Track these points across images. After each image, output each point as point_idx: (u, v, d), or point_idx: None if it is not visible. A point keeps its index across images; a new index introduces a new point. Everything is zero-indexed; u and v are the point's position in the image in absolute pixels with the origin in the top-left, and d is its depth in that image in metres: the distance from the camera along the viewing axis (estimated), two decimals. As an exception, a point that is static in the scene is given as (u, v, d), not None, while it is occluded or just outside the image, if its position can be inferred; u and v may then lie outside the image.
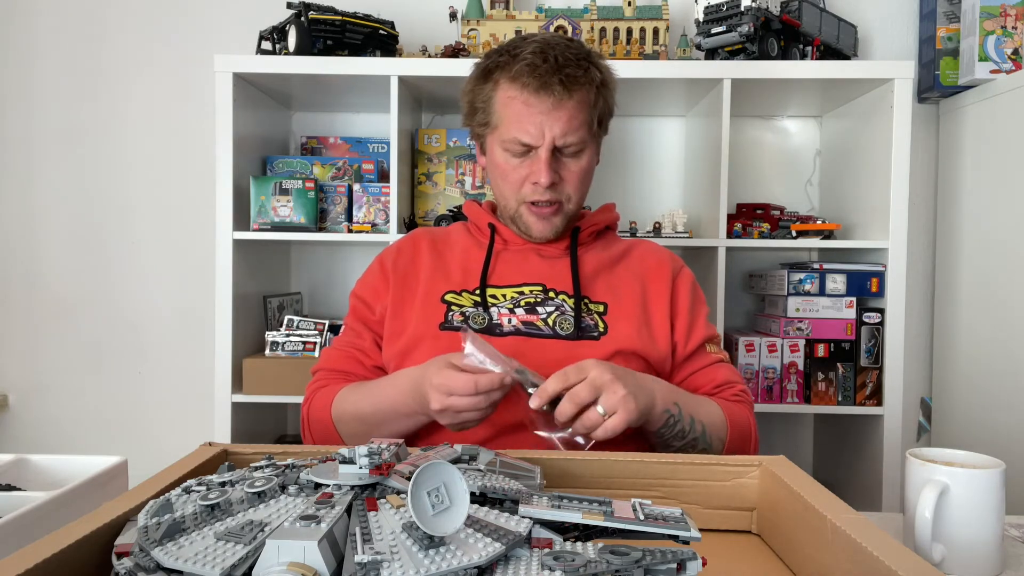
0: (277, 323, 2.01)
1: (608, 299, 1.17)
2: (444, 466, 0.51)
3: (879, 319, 1.87)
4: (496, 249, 1.21)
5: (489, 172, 1.22)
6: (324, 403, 1.13)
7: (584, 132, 1.13)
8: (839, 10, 2.10)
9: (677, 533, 0.55)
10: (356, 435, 1.10)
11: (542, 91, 1.09)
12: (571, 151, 1.14)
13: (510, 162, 1.15)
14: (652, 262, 1.23)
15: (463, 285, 1.18)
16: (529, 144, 1.12)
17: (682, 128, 2.23)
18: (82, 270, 2.25)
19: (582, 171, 1.16)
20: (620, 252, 1.24)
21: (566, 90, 1.09)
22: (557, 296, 1.16)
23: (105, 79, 2.23)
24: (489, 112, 1.15)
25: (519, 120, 1.11)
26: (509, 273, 1.19)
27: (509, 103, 1.12)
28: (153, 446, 2.14)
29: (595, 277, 1.19)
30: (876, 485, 1.85)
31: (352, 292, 1.24)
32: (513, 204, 1.17)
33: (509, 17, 1.98)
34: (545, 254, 1.21)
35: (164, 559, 0.48)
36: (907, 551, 0.54)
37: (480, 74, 1.17)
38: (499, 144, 1.15)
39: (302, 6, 1.83)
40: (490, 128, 1.17)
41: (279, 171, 2.02)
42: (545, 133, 1.10)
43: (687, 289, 1.21)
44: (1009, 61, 1.93)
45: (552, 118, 1.10)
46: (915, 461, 0.77)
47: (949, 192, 2.10)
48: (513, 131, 1.12)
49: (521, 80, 1.10)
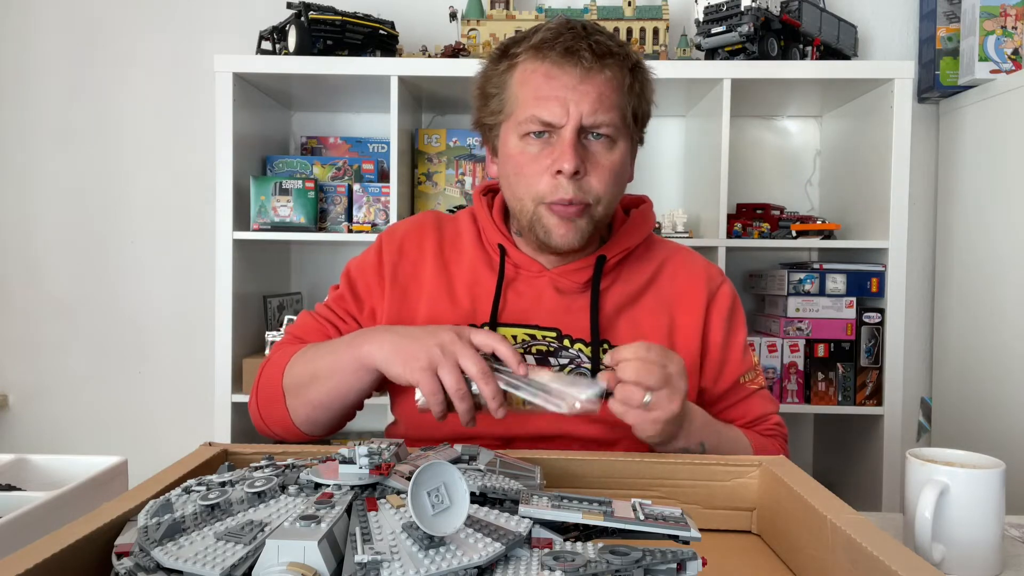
0: (277, 323, 2.01)
1: (630, 342, 1.02)
2: (444, 466, 0.51)
3: (879, 319, 1.87)
4: (507, 276, 1.05)
5: (501, 173, 1.03)
6: (280, 360, 1.02)
7: (617, 115, 0.95)
8: (839, 10, 2.10)
9: (677, 533, 0.55)
10: (300, 392, 0.97)
11: (567, 60, 0.93)
12: (602, 135, 0.96)
13: (527, 151, 0.97)
14: (683, 283, 1.07)
15: (470, 317, 1.03)
16: (551, 123, 0.94)
17: (682, 128, 2.23)
18: (82, 270, 2.25)
19: (614, 166, 0.97)
20: (649, 275, 1.07)
21: (596, 59, 0.93)
22: (573, 344, 1.02)
23: (105, 79, 2.23)
24: (504, 96, 0.99)
25: (539, 95, 0.94)
26: (521, 310, 1.03)
27: (529, 78, 0.95)
28: (153, 446, 2.14)
29: (617, 315, 1.04)
30: (876, 485, 1.85)
31: (346, 271, 1.11)
32: (530, 206, 0.98)
33: (509, 17, 1.98)
34: (562, 288, 1.04)
35: (164, 559, 0.48)
36: (907, 551, 0.54)
37: (496, 55, 1.01)
38: (515, 131, 0.98)
39: (302, 6, 1.83)
40: (504, 115, 0.99)
41: (279, 171, 2.02)
42: (570, 109, 0.93)
43: (722, 318, 1.07)
44: (1009, 61, 1.93)
45: (579, 92, 0.93)
46: (915, 461, 0.77)
47: (949, 192, 2.10)
48: (532, 108, 0.94)
49: (543, 50, 0.94)
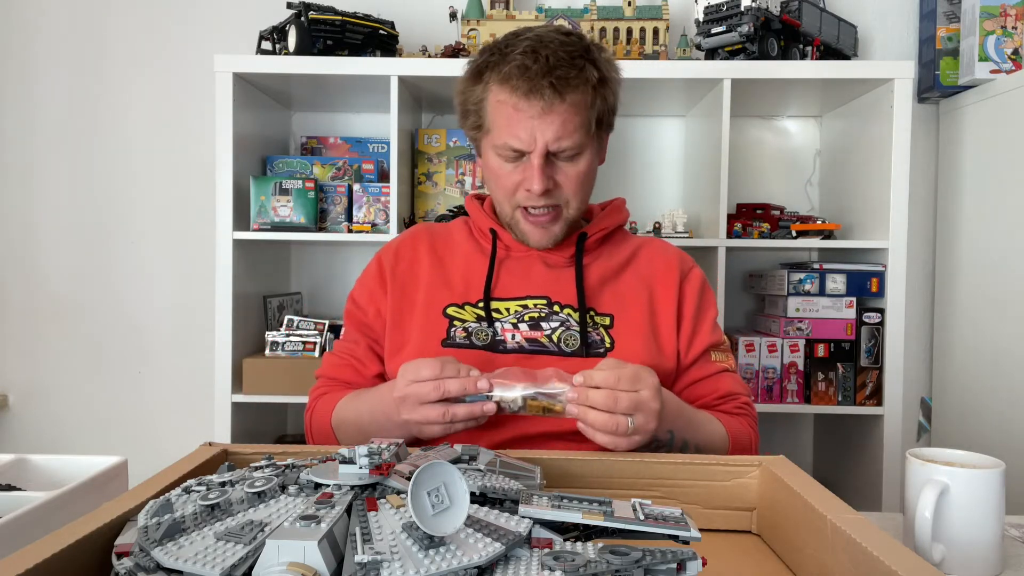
0: (277, 323, 2.01)
1: (614, 310, 1.14)
2: (444, 466, 0.51)
3: (879, 319, 1.87)
4: (499, 257, 1.17)
5: (484, 175, 1.18)
6: (325, 410, 1.13)
7: (580, 135, 1.08)
8: (839, 10, 2.10)
9: (677, 533, 0.55)
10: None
11: (531, 95, 1.03)
12: (567, 155, 1.09)
13: (503, 167, 1.10)
14: (660, 264, 1.19)
15: (465, 296, 1.14)
16: (521, 150, 1.07)
17: (682, 128, 2.23)
18: (82, 270, 2.25)
19: (580, 175, 1.11)
20: (627, 255, 1.20)
21: (557, 93, 1.03)
22: (562, 310, 1.12)
23: (105, 79, 2.23)
24: (481, 115, 1.11)
25: (509, 125, 1.06)
26: (512, 284, 1.15)
27: (499, 107, 1.08)
28: (153, 446, 2.15)
29: (601, 287, 1.15)
30: (876, 485, 1.85)
31: (349, 295, 1.21)
32: (508, 209, 1.13)
33: (509, 17, 1.98)
34: (550, 263, 1.16)
35: (164, 559, 0.48)
36: (907, 551, 0.54)
37: (471, 74, 1.12)
38: (492, 149, 1.11)
39: (302, 6, 1.83)
40: (483, 132, 1.12)
41: (279, 171, 2.02)
42: (537, 139, 1.05)
43: (694, 292, 1.18)
44: (1009, 61, 1.93)
45: (544, 123, 1.05)
46: (915, 461, 0.77)
47: (949, 192, 2.10)
48: (504, 136, 1.07)
49: (511, 83, 1.05)
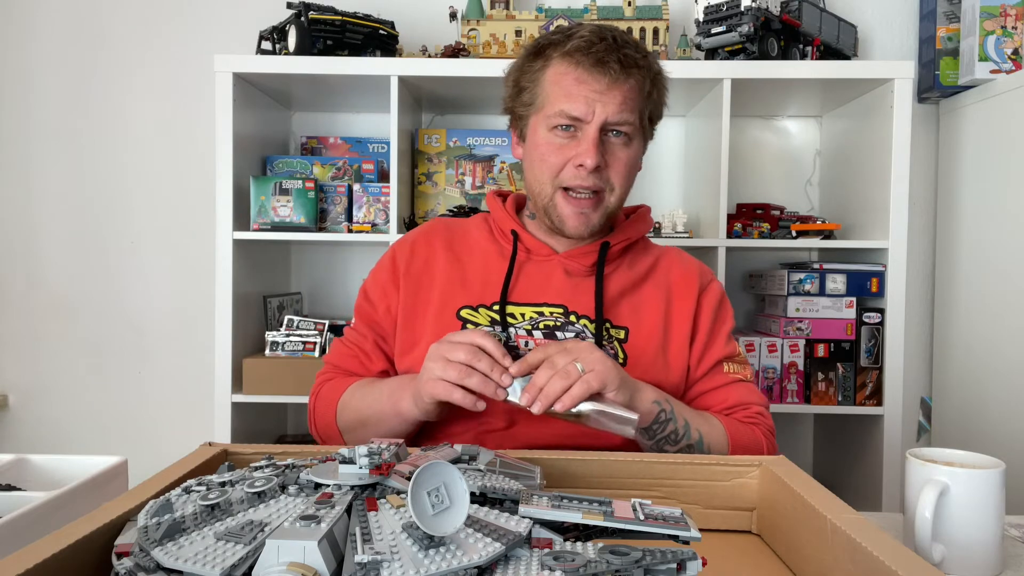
0: (277, 323, 2.01)
1: (630, 323, 1.12)
2: (444, 466, 0.51)
3: (879, 319, 1.87)
4: (518, 260, 1.13)
5: (526, 157, 1.14)
6: (330, 398, 1.12)
7: (636, 118, 1.06)
8: (839, 10, 2.10)
9: (677, 533, 0.55)
10: (355, 433, 1.09)
11: (598, 69, 1.03)
12: (621, 132, 1.06)
13: (553, 141, 1.07)
14: (678, 276, 1.17)
15: (480, 299, 1.11)
16: (578, 119, 1.05)
17: (682, 128, 2.23)
18: (82, 270, 2.25)
19: (629, 160, 1.09)
20: (648, 266, 1.17)
21: (624, 69, 1.04)
22: (578, 321, 1.10)
23: (105, 79, 2.23)
24: (536, 91, 1.09)
25: (569, 96, 1.04)
26: (530, 290, 1.12)
27: (560, 79, 1.06)
28: (153, 446, 2.15)
29: (619, 298, 1.13)
30: (876, 485, 1.85)
31: (362, 286, 1.20)
32: (549, 190, 1.09)
33: (509, 17, 1.98)
34: (570, 270, 1.13)
35: (164, 559, 0.48)
36: (907, 551, 0.54)
37: (530, 52, 1.11)
38: (544, 123, 1.08)
39: (302, 6, 1.83)
40: (535, 108, 1.09)
41: (279, 171, 2.02)
42: (596, 111, 1.04)
43: (711, 306, 1.16)
44: (1009, 61, 1.93)
45: (607, 97, 1.04)
46: (915, 461, 0.77)
47: (949, 192, 2.10)
48: (562, 103, 1.05)
49: (575, 57, 1.04)
